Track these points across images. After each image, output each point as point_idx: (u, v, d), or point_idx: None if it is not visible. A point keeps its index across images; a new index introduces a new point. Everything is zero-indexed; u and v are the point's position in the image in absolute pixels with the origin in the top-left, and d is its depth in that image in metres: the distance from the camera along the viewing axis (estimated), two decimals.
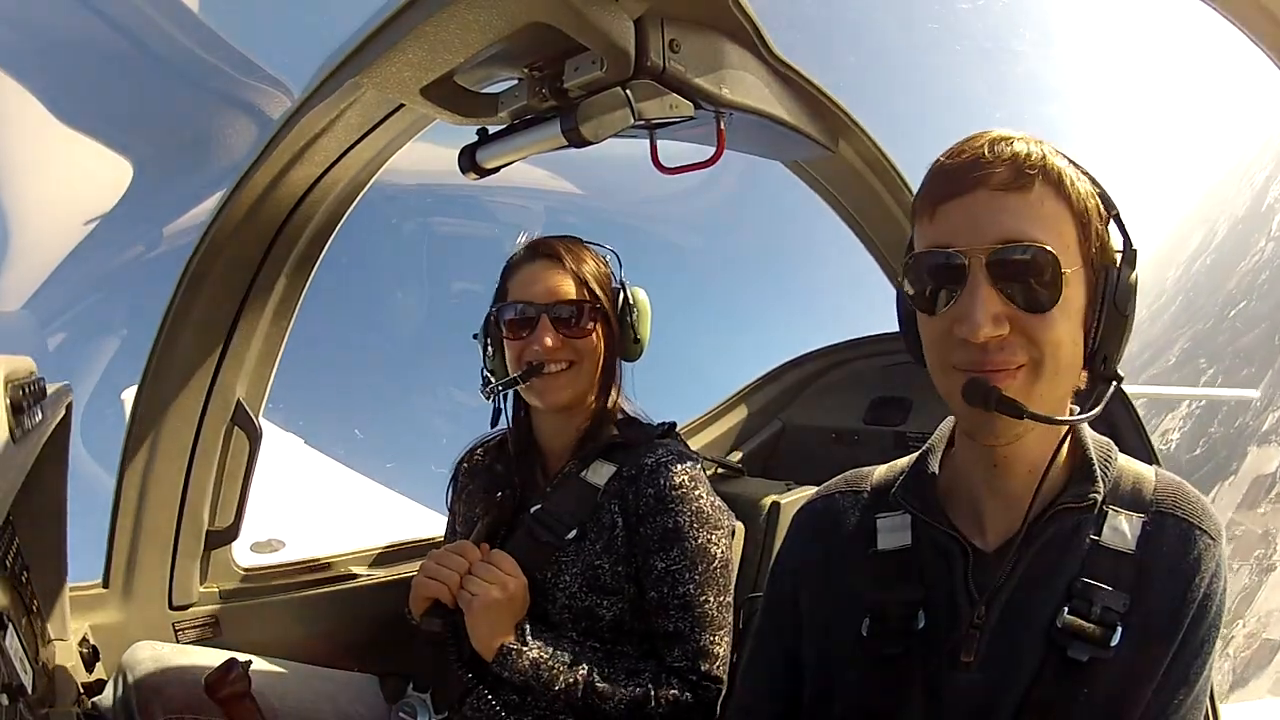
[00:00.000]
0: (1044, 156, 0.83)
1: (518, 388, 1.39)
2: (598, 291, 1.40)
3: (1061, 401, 0.86)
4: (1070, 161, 0.85)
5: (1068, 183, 0.83)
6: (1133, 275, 0.84)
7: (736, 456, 2.12)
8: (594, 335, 1.39)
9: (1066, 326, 0.82)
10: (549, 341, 1.34)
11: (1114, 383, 0.86)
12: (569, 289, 1.38)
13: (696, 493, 1.33)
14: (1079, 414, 0.85)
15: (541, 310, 1.36)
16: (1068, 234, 0.82)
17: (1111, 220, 0.86)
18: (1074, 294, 0.82)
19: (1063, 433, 0.88)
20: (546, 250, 1.41)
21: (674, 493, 1.31)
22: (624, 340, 1.43)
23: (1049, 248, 0.80)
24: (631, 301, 1.42)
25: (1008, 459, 0.89)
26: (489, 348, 1.43)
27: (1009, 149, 0.82)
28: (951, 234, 0.83)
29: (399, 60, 1.05)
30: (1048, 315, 0.81)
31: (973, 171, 0.82)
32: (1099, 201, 0.85)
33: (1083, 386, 0.88)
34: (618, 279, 1.45)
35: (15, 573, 1.09)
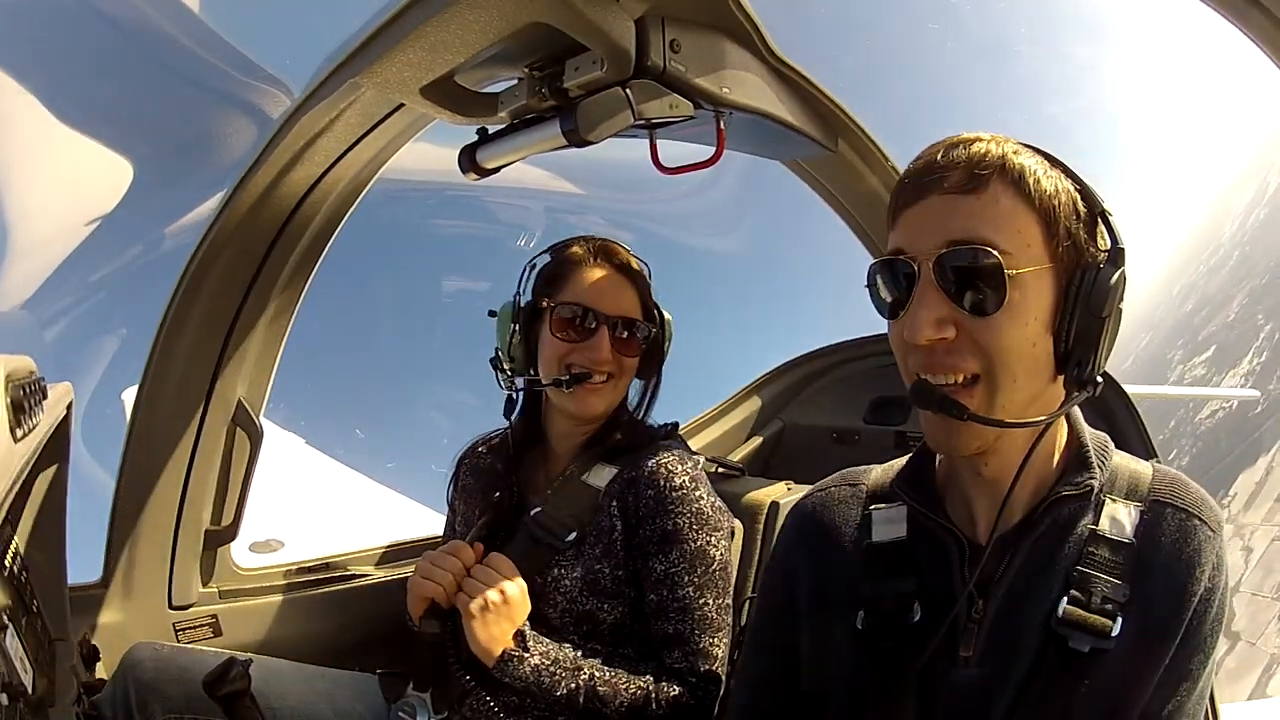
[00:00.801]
0: (1003, 155, 0.81)
1: (556, 389, 1.37)
2: (653, 311, 1.43)
3: (1029, 407, 0.83)
4: (1046, 159, 0.83)
5: (1030, 180, 0.80)
6: (1115, 275, 0.81)
7: (737, 456, 2.12)
8: (639, 355, 1.41)
9: (1021, 331, 0.80)
10: (605, 353, 1.34)
11: (1089, 389, 0.82)
12: (633, 306, 1.39)
13: (696, 494, 1.33)
14: (1027, 423, 0.82)
15: (604, 321, 1.35)
16: (1028, 232, 0.80)
17: (1098, 219, 0.83)
18: (1033, 295, 0.80)
19: (1044, 428, 0.85)
20: (617, 260, 1.41)
21: (674, 494, 1.31)
22: (651, 360, 1.45)
23: (994, 248, 0.78)
24: (665, 325, 1.45)
25: (992, 465, 0.88)
26: (514, 334, 1.40)
27: (964, 151, 0.81)
28: (907, 240, 0.83)
29: (399, 60, 1.05)
30: (994, 318, 0.79)
31: (928, 176, 0.82)
32: (1077, 199, 0.83)
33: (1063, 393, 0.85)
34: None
35: (15, 573, 1.09)
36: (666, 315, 1.46)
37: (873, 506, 0.99)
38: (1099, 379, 0.83)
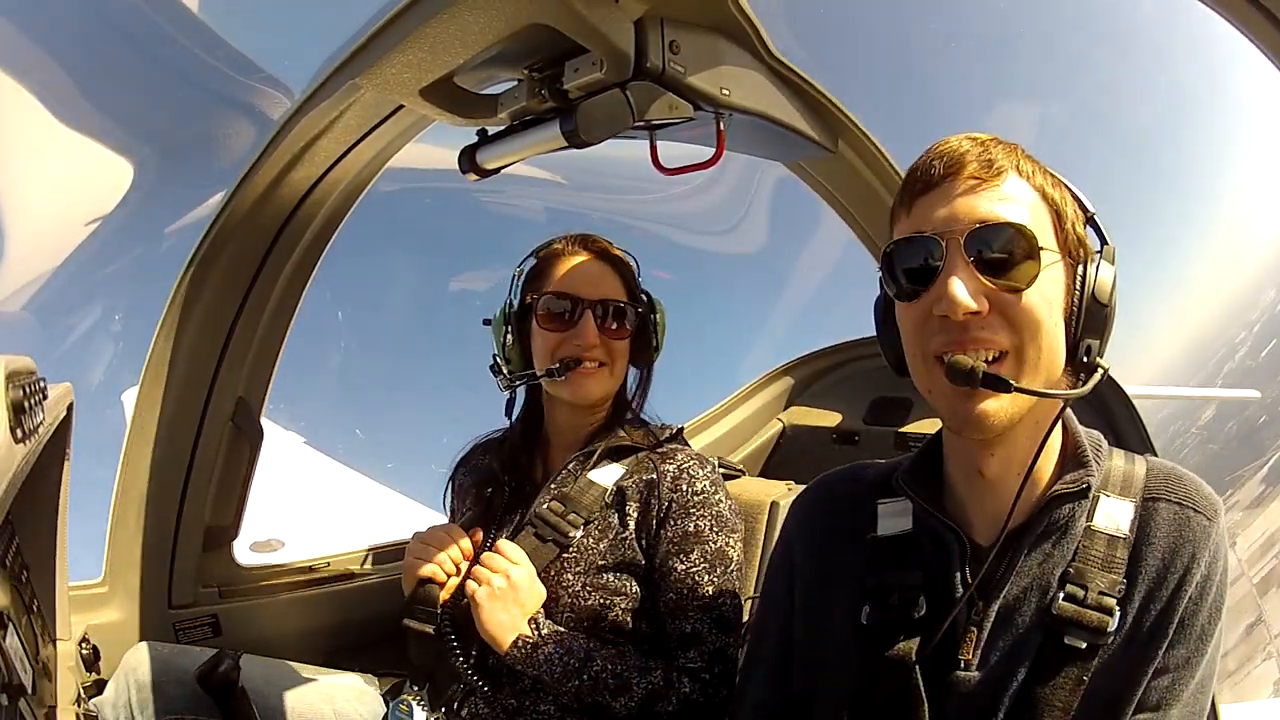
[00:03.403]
0: (1015, 151, 0.86)
1: (551, 380, 1.38)
2: (638, 295, 1.43)
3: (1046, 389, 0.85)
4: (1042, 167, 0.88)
5: (1040, 178, 0.86)
6: (1111, 271, 0.86)
7: (738, 457, 2.13)
8: (629, 339, 1.41)
9: (1046, 310, 0.82)
10: (591, 338, 1.35)
11: (1097, 373, 0.85)
12: (616, 289, 1.40)
13: (717, 497, 1.35)
14: (1068, 394, 0.84)
15: (588, 306, 1.36)
16: (1042, 221, 0.84)
17: (1087, 223, 0.88)
18: (1051, 281, 0.83)
19: (1050, 423, 0.86)
20: (595, 247, 1.42)
21: (696, 498, 1.32)
22: (645, 346, 1.44)
23: (1025, 225, 0.82)
24: (655, 309, 1.45)
25: (994, 465, 0.88)
26: (508, 335, 1.41)
27: (979, 147, 0.85)
28: (926, 222, 0.84)
29: (399, 61, 1.05)
30: (1026, 294, 0.81)
31: (947, 165, 0.85)
32: (1074, 201, 0.88)
33: (1067, 383, 0.88)
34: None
35: (15, 572, 1.09)
36: (658, 301, 1.46)
37: (879, 501, 0.99)
38: (1105, 365, 0.85)
